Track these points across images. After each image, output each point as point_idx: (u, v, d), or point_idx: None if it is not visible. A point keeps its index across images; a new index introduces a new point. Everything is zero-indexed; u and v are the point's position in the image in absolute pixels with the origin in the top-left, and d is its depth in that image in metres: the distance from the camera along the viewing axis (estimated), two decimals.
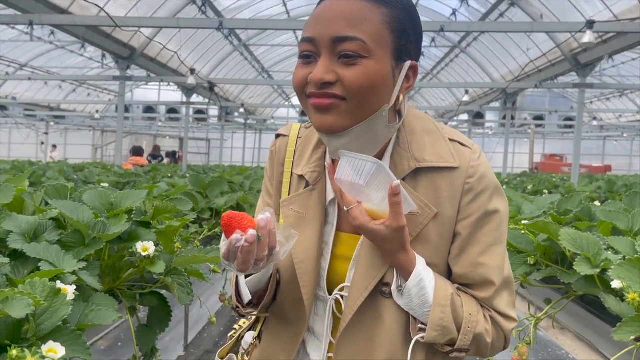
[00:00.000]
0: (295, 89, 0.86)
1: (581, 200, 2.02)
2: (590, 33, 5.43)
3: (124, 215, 1.54)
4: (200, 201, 2.73)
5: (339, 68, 0.80)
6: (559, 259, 1.71)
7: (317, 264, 0.92)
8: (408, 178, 0.89)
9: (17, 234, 1.31)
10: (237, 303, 0.97)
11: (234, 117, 18.03)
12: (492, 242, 0.88)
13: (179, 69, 11.68)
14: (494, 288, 0.87)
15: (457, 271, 0.89)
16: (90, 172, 5.22)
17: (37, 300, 0.87)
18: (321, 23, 0.81)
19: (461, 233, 0.88)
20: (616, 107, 16.56)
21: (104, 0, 7.81)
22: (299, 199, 0.96)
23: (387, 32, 0.81)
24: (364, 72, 0.80)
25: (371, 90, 0.81)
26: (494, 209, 0.89)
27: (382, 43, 0.81)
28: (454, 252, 0.89)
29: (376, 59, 0.80)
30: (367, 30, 0.80)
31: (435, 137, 0.91)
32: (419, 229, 0.87)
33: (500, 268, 0.89)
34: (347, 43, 0.79)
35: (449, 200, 0.88)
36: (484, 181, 0.89)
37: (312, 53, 0.83)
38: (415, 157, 0.89)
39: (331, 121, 0.82)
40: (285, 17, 12.12)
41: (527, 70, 11.19)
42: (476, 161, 0.89)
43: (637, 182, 6.07)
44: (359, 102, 0.81)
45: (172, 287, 1.45)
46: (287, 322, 0.98)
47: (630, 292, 1.13)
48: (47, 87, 15.89)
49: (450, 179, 0.88)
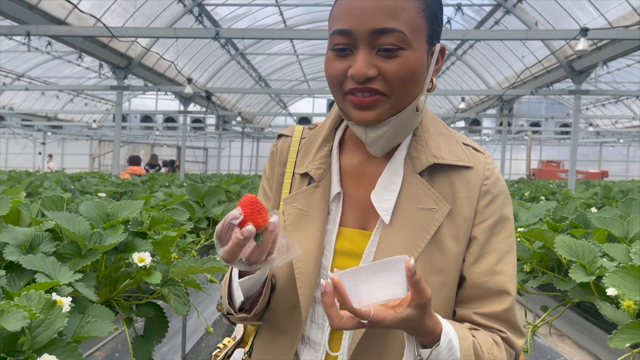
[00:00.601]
0: (331, 83, 0.83)
1: (576, 207, 2.02)
2: (584, 40, 5.47)
3: (121, 226, 1.54)
4: (198, 211, 2.73)
5: (379, 61, 0.78)
6: (555, 266, 1.71)
7: (317, 263, 0.87)
8: (425, 173, 0.87)
9: (13, 245, 1.31)
10: (229, 307, 0.91)
11: (232, 125, 18.06)
12: (507, 250, 0.86)
13: (176, 78, 11.72)
14: (510, 298, 0.84)
15: (473, 279, 0.85)
16: (87, 182, 5.22)
17: (32, 312, 0.87)
18: (356, 14, 0.78)
19: (477, 237, 0.86)
20: (612, 113, 16.64)
21: (101, 10, 7.85)
22: (302, 196, 0.92)
23: (422, 20, 0.80)
24: (405, 65, 0.78)
25: (412, 82, 0.80)
26: (507, 215, 0.88)
27: (419, 31, 0.79)
28: (469, 259, 0.86)
29: (414, 48, 0.79)
30: (405, 20, 0.78)
31: (448, 138, 0.91)
32: (435, 226, 0.84)
33: (514, 277, 0.86)
34: (387, 35, 0.77)
35: (466, 200, 0.86)
36: (499, 185, 0.88)
37: (348, 46, 0.80)
38: (433, 153, 0.88)
39: (372, 116, 0.81)
40: (281, 26, 12.18)
41: (523, 77, 11.26)
42: (491, 164, 0.89)
43: (634, 188, 6.09)
44: (400, 96, 0.81)
45: (169, 298, 1.45)
46: (281, 330, 0.91)
47: (625, 299, 1.14)
48: (44, 97, 15.91)
49: (467, 179, 0.87)
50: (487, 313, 0.84)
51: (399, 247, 0.84)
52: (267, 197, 1.01)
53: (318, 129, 0.98)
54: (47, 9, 6.90)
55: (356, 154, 0.94)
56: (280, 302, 0.92)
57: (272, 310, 0.93)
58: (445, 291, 0.85)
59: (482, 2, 9.74)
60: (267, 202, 1.00)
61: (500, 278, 0.84)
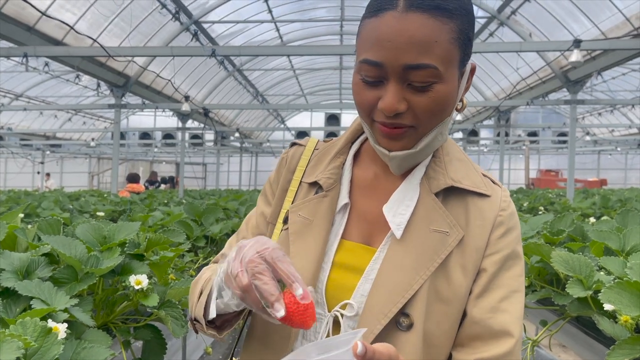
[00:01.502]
0: (360, 109, 0.83)
1: (573, 220, 2.03)
2: (577, 52, 5.52)
3: (117, 249, 1.54)
4: (196, 229, 2.73)
5: (409, 94, 0.77)
6: (554, 280, 1.71)
7: (316, 274, 0.84)
8: (440, 195, 0.85)
9: (9, 271, 1.31)
10: (195, 316, 0.85)
11: (230, 141, 18.11)
12: (515, 289, 0.82)
13: (173, 95, 11.77)
14: (513, 341, 0.79)
15: (475, 315, 0.80)
16: (85, 201, 5.21)
17: (27, 341, 0.87)
18: (388, 47, 0.75)
19: (487, 269, 0.82)
20: (608, 121, 16.71)
21: (98, 31, 7.91)
22: (308, 204, 0.90)
23: (455, 49, 0.77)
24: (436, 99, 0.77)
25: (441, 113, 0.80)
26: (519, 252, 0.85)
27: (452, 62, 0.77)
28: (475, 291, 0.82)
29: (446, 80, 0.77)
30: (439, 54, 0.75)
31: (467, 166, 0.90)
32: (447, 250, 0.81)
33: (520, 319, 0.81)
34: (419, 71, 0.75)
35: (479, 229, 0.83)
36: (514, 219, 0.86)
37: (379, 78, 0.78)
38: (451, 176, 0.86)
39: (400, 146, 0.81)
40: (278, 42, 12.27)
41: (519, 88, 11.32)
42: (507, 198, 0.88)
43: (632, 197, 6.10)
44: (428, 126, 0.81)
45: (166, 320, 1.45)
46: (271, 345, 0.86)
47: (622, 314, 1.13)
48: (42, 116, 15.96)
49: (482, 208, 0.85)
50: (486, 359, 0.78)
51: (406, 266, 0.80)
52: (267, 202, 0.99)
53: (333, 142, 0.98)
54: (45, 30, 6.96)
55: (371, 167, 0.92)
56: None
57: (262, 323, 0.88)
58: (449, 322, 0.81)
59: (476, 15, 9.82)
60: (268, 210, 0.97)
61: (504, 317, 0.80)
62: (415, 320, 0.78)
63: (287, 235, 0.89)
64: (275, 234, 0.93)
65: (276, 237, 0.92)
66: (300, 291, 0.68)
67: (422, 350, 0.78)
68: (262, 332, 0.89)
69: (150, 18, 8.76)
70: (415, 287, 0.79)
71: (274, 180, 0.99)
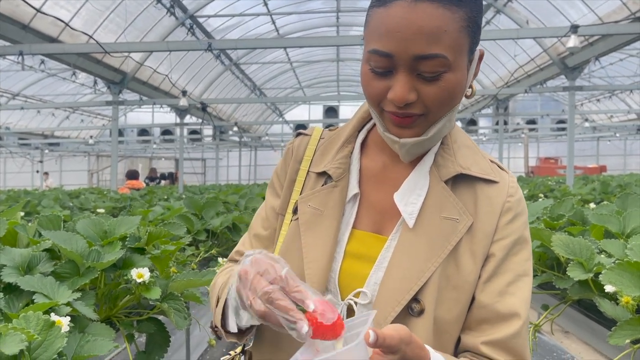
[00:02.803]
0: (370, 99, 0.83)
1: (573, 204, 2.03)
2: (574, 37, 5.50)
3: (118, 243, 1.54)
4: (196, 223, 2.73)
5: (419, 84, 0.77)
6: (554, 264, 1.72)
7: (329, 264, 0.84)
8: (449, 182, 0.86)
9: (10, 267, 1.31)
10: (215, 324, 0.85)
11: (229, 135, 18.09)
12: (522, 273, 0.83)
13: (171, 90, 11.75)
14: (520, 322, 0.80)
15: (482, 299, 0.81)
16: (85, 198, 5.21)
17: (30, 335, 0.87)
18: (398, 38, 0.74)
19: (495, 254, 0.83)
20: (607, 107, 16.69)
21: (93, 27, 7.88)
22: (318, 195, 0.90)
23: (465, 38, 0.77)
24: (446, 87, 0.77)
25: (451, 101, 0.79)
26: (527, 237, 0.86)
27: (461, 51, 0.77)
28: (483, 276, 0.83)
29: (455, 68, 0.77)
30: (448, 43, 0.75)
31: (474, 152, 0.90)
32: (457, 237, 0.82)
33: (527, 302, 0.82)
34: (429, 61, 0.75)
35: (487, 215, 0.84)
36: (521, 204, 0.87)
37: (388, 68, 0.78)
38: (460, 163, 0.86)
39: (410, 134, 0.82)
40: (274, 34, 12.22)
41: (517, 76, 11.30)
42: (515, 183, 0.88)
43: (631, 182, 6.10)
44: (438, 114, 0.81)
45: (169, 313, 1.45)
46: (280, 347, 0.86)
47: (623, 295, 1.14)
48: (40, 115, 15.92)
49: (490, 195, 0.85)
50: (494, 341, 0.80)
51: (418, 254, 0.81)
52: (275, 193, 0.99)
53: (339, 131, 0.97)
54: (40, 27, 6.93)
55: (380, 157, 0.92)
56: None
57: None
58: (459, 308, 0.82)
59: None
60: (277, 202, 0.97)
61: (512, 300, 0.81)
62: (426, 306, 0.79)
63: (297, 226, 0.89)
64: (285, 224, 0.93)
65: (286, 227, 0.92)
66: (312, 306, 0.67)
67: (433, 336, 0.79)
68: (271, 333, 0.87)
69: (145, 13, 8.72)
70: (427, 274, 0.80)
71: (281, 171, 0.99)
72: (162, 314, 1.56)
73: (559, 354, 3.75)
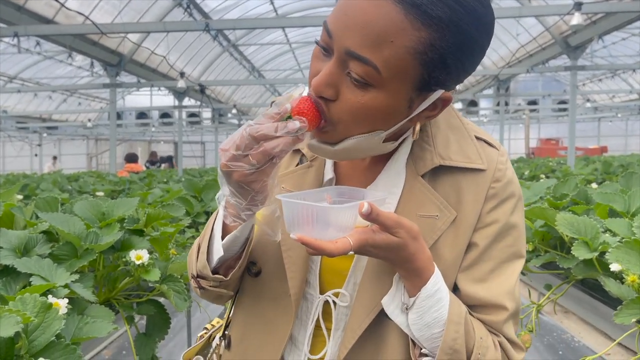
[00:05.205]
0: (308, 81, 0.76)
1: (577, 183, 2.01)
2: (578, 15, 5.42)
3: (116, 224, 1.52)
4: (195, 205, 2.71)
5: (343, 84, 0.69)
6: (558, 244, 1.70)
7: (308, 255, 0.80)
8: (427, 175, 0.78)
9: (7, 249, 1.29)
10: (203, 266, 0.79)
11: (228, 118, 18.00)
12: (505, 259, 0.77)
13: (169, 73, 11.64)
14: (506, 313, 0.76)
15: (463, 288, 0.77)
16: (84, 181, 5.19)
17: (26, 316, 0.86)
18: (342, 21, 0.67)
19: (478, 244, 0.77)
20: (609, 87, 16.58)
21: (89, 8, 7.77)
22: (292, 176, 0.84)
23: (412, 63, 0.66)
24: (365, 105, 0.68)
25: (368, 124, 0.71)
26: (514, 222, 0.79)
27: (401, 74, 0.66)
28: (464, 264, 0.77)
29: (387, 91, 0.67)
30: (387, 56, 0.65)
31: (460, 134, 0.81)
32: (436, 235, 0.76)
33: (512, 290, 0.77)
34: (358, 63, 0.66)
35: (471, 205, 0.77)
36: (509, 188, 0.79)
37: (328, 48, 0.70)
38: (440, 153, 0.78)
39: (323, 137, 0.74)
40: (273, 15, 12.06)
41: (518, 56, 11.19)
42: (504, 164, 0.80)
43: (633, 162, 6.08)
44: (349, 128, 0.72)
45: (169, 295, 1.44)
46: (267, 323, 0.83)
47: (629, 274, 1.12)
48: (37, 98, 15.82)
49: (476, 183, 0.78)
50: (481, 319, 0.76)
51: None
52: None
53: None
54: (35, 8, 6.83)
55: None
56: (265, 293, 0.84)
57: (255, 301, 0.85)
58: None
59: None
60: None
61: (492, 291, 0.76)
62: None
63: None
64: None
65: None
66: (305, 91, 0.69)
67: None
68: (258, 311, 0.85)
69: None
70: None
71: None
72: (162, 295, 1.55)
73: (559, 333, 3.77)
